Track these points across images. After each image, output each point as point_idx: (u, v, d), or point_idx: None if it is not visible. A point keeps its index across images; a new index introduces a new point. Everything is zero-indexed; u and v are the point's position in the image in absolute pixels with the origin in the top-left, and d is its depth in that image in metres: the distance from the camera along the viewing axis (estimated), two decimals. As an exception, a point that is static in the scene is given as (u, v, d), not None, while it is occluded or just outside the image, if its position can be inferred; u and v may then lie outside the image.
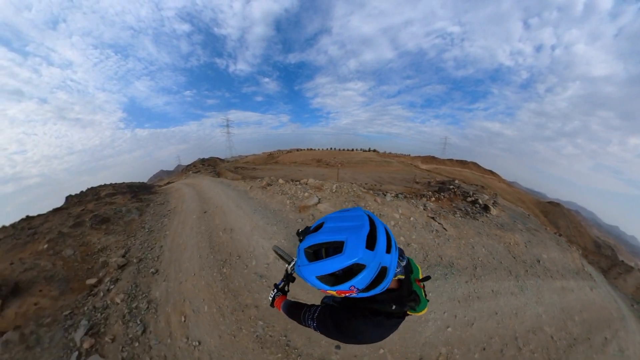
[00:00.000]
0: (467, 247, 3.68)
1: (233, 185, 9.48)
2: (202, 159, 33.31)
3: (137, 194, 12.55)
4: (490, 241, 4.39)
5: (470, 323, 2.44)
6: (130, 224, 6.83)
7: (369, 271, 0.68)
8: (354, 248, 0.67)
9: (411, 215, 4.04)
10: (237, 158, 48.65)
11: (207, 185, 11.25)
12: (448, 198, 8.69)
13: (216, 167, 22.34)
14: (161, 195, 11.74)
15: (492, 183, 36.23)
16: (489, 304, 2.68)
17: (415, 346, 2.07)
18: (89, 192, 15.85)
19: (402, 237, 3.63)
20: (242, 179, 12.39)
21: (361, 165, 31.03)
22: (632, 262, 20.48)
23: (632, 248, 67.45)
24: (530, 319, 2.76)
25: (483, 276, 3.12)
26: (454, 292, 2.65)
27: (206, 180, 14.14)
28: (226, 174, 17.29)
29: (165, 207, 8.35)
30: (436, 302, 2.44)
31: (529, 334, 2.51)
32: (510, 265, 3.89)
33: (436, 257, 3.15)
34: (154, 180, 57.31)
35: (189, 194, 9.81)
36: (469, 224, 4.83)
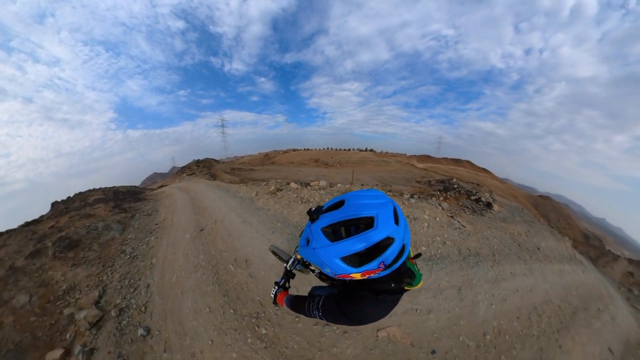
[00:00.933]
0: (484, 240, 4.43)
1: (233, 191, 8.17)
2: (197, 160, 32.66)
3: (123, 201, 11.11)
4: (498, 233, 5.18)
5: (504, 299, 3.18)
6: (107, 246, 5.45)
7: (397, 245, 0.71)
8: (386, 222, 0.69)
9: (436, 215, 4.75)
10: (233, 159, 47.06)
11: (202, 191, 10.01)
12: (454, 197, 9.50)
13: (211, 169, 21.93)
14: (150, 202, 10.42)
15: (485, 180, 37.71)
16: (511, 284, 3.46)
17: (478, 325, 2.77)
18: (77, 198, 14.59)
19: (438, 237, 4.21)
20: (242, 182, 11.49)
21: (360, 165, 31.43)
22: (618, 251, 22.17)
23: (618, 239, 72.07)
24: (542, 294, 3.53)
25: (501, 262, 3.88)
26: (486, 276, 3.41)
27: (201, 183, 13.13)
28: (222, 175, 16.80)
29: (153, 218, 7.06)
30: (480, 286, 3.26)
31: (543, 304, 3.27)
32: (518, 252, 4.67)
33: (466, 250, 3.88)
34: (147, 183, 56.10)
35: (182, 200, 8.72)
36: (479, 220, 5.61)
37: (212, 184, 11.81)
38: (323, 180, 8.40)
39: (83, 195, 15.46)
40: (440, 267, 3.33)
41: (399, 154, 54.51)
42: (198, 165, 25.71)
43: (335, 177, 14.71)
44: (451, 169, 44.43)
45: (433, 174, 26.39)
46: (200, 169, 22.26)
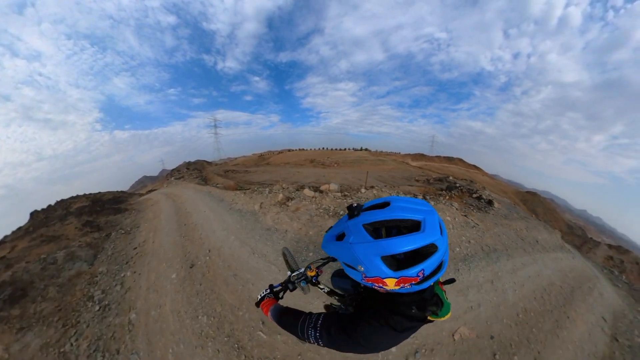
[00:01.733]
0: (496, 236, 5.29)
1: (228, 201, 6.91)
2: (188, 163, 31.93)
3: (100, 214, 9.64)
4: (504, 229, 6.08)
5: (522, 285, 4.07)
6: (70, 288, 4.19)
7: (439, 256, 0.70)
8: (432, 227, 0.69)
9: (454, 216, 5.52)
10: (226, 160, 46.93)
11: (191, 199, 8.71)
12: (458, 195, 10.28)
13: (203, 172, 20.45)
14: (131, 214, 9.01)
15: (477, 177, 39.52)
16: (524, 272, 4.41)
17: (511, 308, 3.51)
18: (58, 206, 13.59)
19: (463, 237, 4.95)
20: (237, 186, 10.21)
21: (357, 165, 31.99)
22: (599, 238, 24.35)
23: (599, 227, 78.72)
24: (546, 278, 4.44)
25: (513, 255, 4.79)
26: (506, 268, 4.34)
27: (190, 189, 11.67)
28: (215, 179, 15.27)
29: (132, 239, 6.00)
30: (504, 277, 4.09)
31: (549, 286, 4.18)
32: (522, 245, 5.59)
33: (486, 247, 4.75)
34: (136, 187, 54.15)
35: (167, 212, 7.72)
36: (486, 218, 6.48)
37: (203, 190, 10.31)
38: (333, 183, 7.92)
39: (65, 203, 14.35)
40: (474, 265, 4.09)
41: (393, 153, 56.57)
42: (188, 168, 25.25)
43: (335, 178, 14.96)
44: (444, 166, 46.30)
45: (429, 172, 27.56)
46: (190, 172, 21.27)
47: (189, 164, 30.41)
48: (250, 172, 18.87)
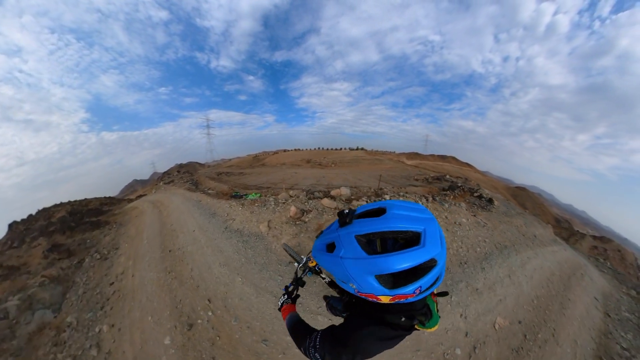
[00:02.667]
0: (502, 234, 6.07)
1: (222, 214, 6.01)
2: (179, 165, 31.17)
3: (75, 231, 8.38)
4: (508, 227, 6.88)
5: (532, 277, 4.86)
6: (28, 354, 3.19)
7: (438, 269, 0.65)
8: (433, 240, 0.63)
9: (467, 216, 6.22)
10: (220, 162, 46.01)
11: (179, 211, 7.66)
12: (461, 195, 10.98)
13: (194, 175, 19.29)
14: (112, 229, 8.06)
15: (469, 174, 41.06)
16: (531, 265, 5.31)
17: (528, 296, 4.24)
18: (40, 216, 12.74)
19: (479, 237, 5.60)
20: (235, 194, 8.83)
21: (355, 165, 32.38)
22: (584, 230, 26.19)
23: (584, 220, 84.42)
24: (548, 268, 5.26)
25: (519, 250, 5.63)
26: (517, 263, 5.10)
27: (178, 196, 10.45)
28: (207, 182, 14.18)
29: (108, 270, 5.03)
30: (517, 270, 4.79)
31: (551, 276, 5.06)
32: (524, 241, 6.40)
33: (498, 245, 5.60)
34: (125, 192, 52.14)
35: (150, 230, 6.64)
36: (491, 216, 7.27)
37: (193, 197, 9.08)
38: (344, 187, 7.86)
39: (48, 212, 13.50)
40: (494, 262, 4.79)
41: (389, 152, 57.89)
42: (179, 171, 24.65)
43: (336, 179, 14.82)
44: (438, 164, 47.79)
45: (425, 170, 28.48)
46: (181, 176, 20.20)
47: (180, 166, 29.48)
48: (246, 174, 18.02)
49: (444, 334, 2.98)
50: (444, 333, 2.99)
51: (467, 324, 3.16)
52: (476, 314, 3.36)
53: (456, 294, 3.58)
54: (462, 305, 3.41)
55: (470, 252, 4.74)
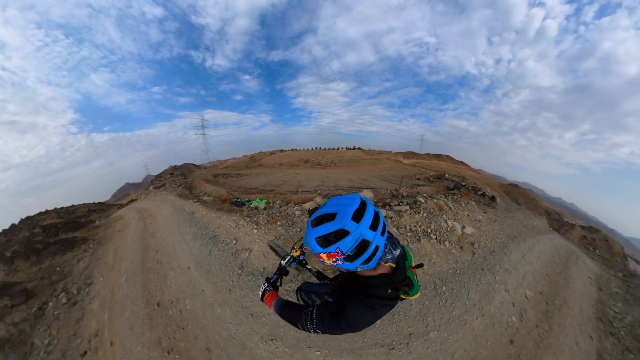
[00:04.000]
0: (510, 227, 7.21)
1: (227, 237, 4.68)
2: (174, 167, 30.64)
3: (40, 254, 6.91)
4: (512, 220, 8.06)
5: (539, 258, 5.98)
6: None
7: (351, 237, 0.99)
8: (342, 216, 1.01)
9: (480, 214, 7.30)
10: (215, 163, 45.90)
11: (167, 229, 6.34)
12: (465, 193, 12.05)
13: (188, 177, 18.12)
14: (88, 251, 6.82)
15: (465, 172, 42.67)
16: (536, 249, 6.42)
17: (540, 272, 5.30)
18: (24, 226, 11.79)
19: (495, 230, 6.56)
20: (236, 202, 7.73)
21: (355, 164, 33.11)
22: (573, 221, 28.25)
23: (572, 212, 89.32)
24: (549, 253, 6.46)
25: (526, 239, 6.84)
26: (525, 248, 6.17)
27: (168, 205, 9.23)
28: (202, 186, 12.87)
29: (77, 326, 4.00)
30: (528, 254, 5.87)
31: (552, 257, 6.25)
32: (527, 231, 7.59)
33: (510, 235, 6.65)
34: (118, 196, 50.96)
35: (131, 259, 5.42)
36: (498, 212, 8.44)
37: (185, 207, 7.82)
38: (366, 190, 8.43)
39: (32, 220, 12.69)
40: (511, 249, 5.83)
41: (385, 151, 59.39)
42: (172, 174, 23.57)
43: (340, 179, 15.19)
44: (434, 163, 49.47)
45: (424, 170, 29.75)
46: (173, 179, 18.66)
47: (174, 168, 28.79)
48: (243, 176, 17.48)
49: (501, 306, 3.98)
50: (501, 305, 3.99)
51: (511, 296, 4.26)
52: (512, 288, 4.43)
53: (495, 274, 4.62)
54: (502, 282, 4.47)
55: (493, 243, 5.79)
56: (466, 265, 4.65)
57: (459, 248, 5.00)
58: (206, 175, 17.89)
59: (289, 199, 8.50)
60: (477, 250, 5.18)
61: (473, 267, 4.65)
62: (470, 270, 4.56)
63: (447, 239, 5.05)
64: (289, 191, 10.33)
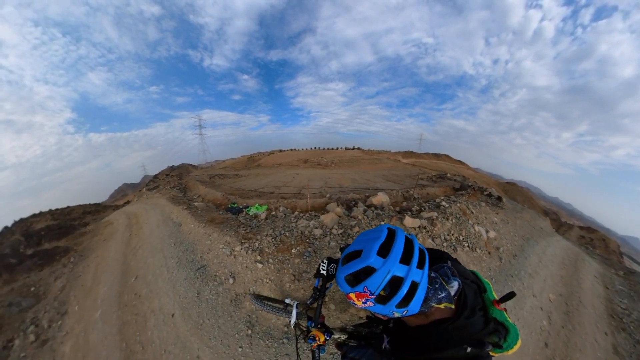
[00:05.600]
0: (521, 228, 7.65)
1: (222, 271, 3.83)
2: (171, 167, 30.58)
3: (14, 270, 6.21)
4: (522, 222, 8.53)
5: (552, 261, 6.47)
6: None
7: (378, 275, 0.88)
8: (367, 253, 0.93)
9: (494, 216, 7.67)
10: (213, 163, 45.65)
11: (150, 246, 5.83)
12: (473, 194, 12.42)
13: (182, 178, 17.59)
14: (67, 267, 6.28)
15: (463, 171, 43.37)
16: (548, 252, 6.92)
17: (554, 275, 5.71)
18: (17, 228, 11.65)
19: (510, 232, 6.97)
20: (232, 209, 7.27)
21: (356, 164, 33.40)
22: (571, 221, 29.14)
23: (569, 212, 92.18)
24: (560, 255, 6.97)
25: (537, 241, 7.33)
26: (539, 250, 6.65)
27: (157, 210, 8.82)
28: (197, 188, 12.12)
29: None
30: (543, 255, 6.33)
31: (563, 260, 6.78)
32: (537, 232, 8.06)
33: (524, 237, 7.11)
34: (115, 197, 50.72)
35: (108, 286, 4.81)
36: (507, 213, 8.88)
37: (172, 217, 7.26)
38: (381, 193, 8.19)
39: (26, 222, 12.55)
40: (529, 251, 6.19)
41: (385, 151, 60.02)
42: (167, 174, 23.05)
43: (343, 180, 14.83)
44: (433, 162, 50.23)
45: (424, 169, 30.27)
46: (168, 180, 18.39)
47: (172, 169, 28.66)
48: (242, 177, 16.91)
49: (532, 311, 4.28)
50: (531, 310, 4.28)
51: (538, 301, 4.59)
52: (538, 292, 4.79)
53: (522, 280, 4.95)
54: (529, 287, 4.81)
55: (513, 247, 6.15)
56: (497, 272, 4.89)
57: (487, 254, 5.06)
58: (202, 176, 17.04)
59: (295, 204, 7.57)
60: (502, 255, 5.43)
61: (503, 274, 4.89)
62: (502, 277, 4.78)
63: (477, 245, 5.08)
64: (291, 194, 9.69)
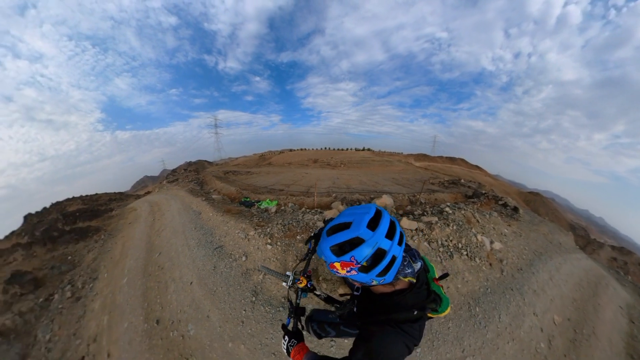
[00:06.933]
0: (534, 242, 7.01)
1: (236, 250, 4.41)
2: (188, 163, 32.50)
3: (56, 241, 7.53)
4: (537, 235, 7.82)
5: (566, 281, 5.82)
6: None
7: (366, 246, 0.98)
8: (357, 225, 1.00)
9: (505, 227, 7.07)
10: (227, 160, 48.61)
11: (172, 229, 6.40)
12: (486, 202, 11.71)
13: (200, 173, 19.92)
14: (99, 242, 7.28)
15: (480, 177, 41.68)
16: (563, 270, 6.22)
17: (566, 297, 5.13)
18: (53, 209, 14.07)
19: (521, 245, 6.40)
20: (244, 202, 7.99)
21: (365, 166, 32.97)
22: (602, 239, 27.03)
23: (601, 228, 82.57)
24: (577, 275, 6.22)
25: (551, 256, 6.63)
26: (552, 268, 6.01)
27: (177, 200, 9.81)
28: (213, 182, 13.80)
29: (78, 324, 3.97)
30: (555, 273, 5.76)
31: (580, 281, 6.09)
32: (552, 248, 7.36)
33: (536, 252, 6.47)
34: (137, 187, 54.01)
35: (134, 259, 5.45)
36: (521, 225, 8.19)
37: (192, 206, 8.07)
38: (386, 196, 8.35)
39: (61, 205, 15.07)
40: (540, 267, 5.71)
41: (396, 153, 58.90)
42: (186, 169, 25.73)
43: (351, 181, 15.30)
44: (447, 167, 48.59)
45: (437, 173, 29.24)
46: (186, 174, 20.88)
47: (189, 164, 30.70)
48: (253, 174, 18.48)
49: (530, 331, 3.97)
50: (530, 330, 3.97)
51: (539, 321, 4.22)
52: (541, 312, 4.38)
53: (524, 296, 4.57)
54: (531, 305, 4.43)
55: (520, 260, 5.67)
56: (496, 284, 4.64)
57: (488, 265, 4.97)
58: (217, 172, 18.72)
59: (302, 201, 8.27)
60: (505, 267, 5.12)
61: (502, 287, 4.63)
62: (500, 289, 4.55)
63: (477, 255, 5.00)
64: (299, 192, 10.19)
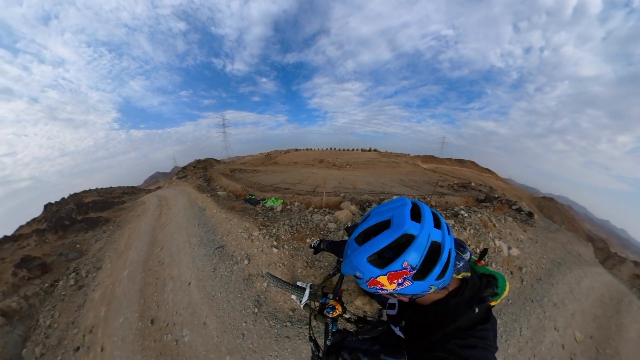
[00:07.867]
0: (552, 250, 6.62)
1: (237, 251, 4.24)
2: (197, 160, 33.52)
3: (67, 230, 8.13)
4: (554, 244, 7.39)
5: (587, 295, 5.50)
6: None
7: (419, 242, 0.76)
8: (400, 220, 0.78)
9: (521, 233, 6.69)
10: (234, 159, 50.55)
11: (176, 223, 6.55)
12: (499, 207, 11.33)
13: (207, 170, 20.86)
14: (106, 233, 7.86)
15: (491, 181, 40.84)
16: (584, 284, 5.88)
17: (587, 313, 4.86)
18: (71, 200, 15.52)
19: (538, 253, 6.06)
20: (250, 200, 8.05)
21: (372, 167, 32.75)
22: (623, 253, 25.84)
23: (623, 240, 76.74)
24: (598, 289, 5.89)
25: (571, 268, 6.30)
26: (572, 280, 5.71)
27: (185, 196, 10.25)
28: (219, 179, 14.52)
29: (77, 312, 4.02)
30: (575, 286, 5.45)
31: (602, 297, 5.73)
32: (572, 259, 6.92)
33: (554, 262, 6.12)
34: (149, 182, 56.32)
35: (136, 252, 5.60)
36: (537, 232, 7.77)
37: (198, 202, 8.24)
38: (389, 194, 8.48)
39: (78, 196, 16.40)
40: (559, 278, 5.44)
41: (403, 154, 58.06)
42: (195, 166, 26.74)
43: (358, 182, 15.16)
44: (456, 169, 47.67)
45: (445, 176, 28.62)
46: (195, 171, 21.90)
47: (198, 162, 31.80)
48: (259, 172, 18.94)
49: (552, 347, 3.79)
50: (551, 346, 3.78)
51: (560, 336, 4.01)
52: (562, 327, 4.18)
53: (545, 308, 4.38)
54: (552, 319, 4.23)
55: (538, 269, 5.44)
56: (516, 294, 4.51)
57: (508, 272, 4.82)
58: (224, 169, 19.80)
59: (309, 201, 8.05)
60: (524, 276, 4.94)
61: (523, 297, 4.47)
62: (520, 300, 4.41)
63: (495, 260, 4.90)
64: (306, 191, 9.87)
